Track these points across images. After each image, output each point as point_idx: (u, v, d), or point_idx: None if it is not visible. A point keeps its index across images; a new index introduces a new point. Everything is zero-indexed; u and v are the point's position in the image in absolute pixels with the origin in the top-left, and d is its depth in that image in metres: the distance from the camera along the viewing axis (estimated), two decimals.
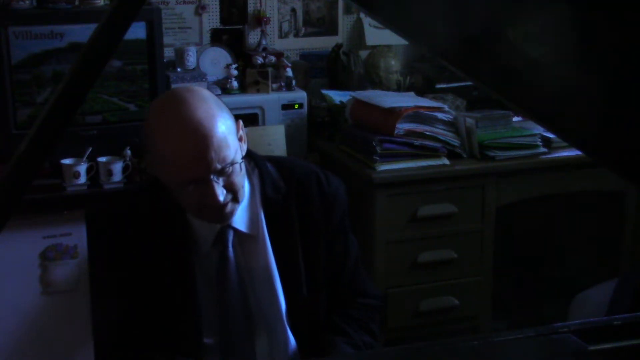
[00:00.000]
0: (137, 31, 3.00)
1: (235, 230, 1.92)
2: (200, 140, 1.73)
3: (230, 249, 1.91)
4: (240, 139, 1.85)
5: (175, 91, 1.86)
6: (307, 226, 1.97)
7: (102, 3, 3.08)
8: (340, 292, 2.04)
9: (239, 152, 1.82)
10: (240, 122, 1.88)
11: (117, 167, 2.95)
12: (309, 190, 1.98)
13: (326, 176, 2.03)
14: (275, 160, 2.04)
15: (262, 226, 1.94)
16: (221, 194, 1.78)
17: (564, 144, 3.12)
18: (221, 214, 1.84)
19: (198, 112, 1.74)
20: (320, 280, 1.99)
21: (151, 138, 1.79)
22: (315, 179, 2.00)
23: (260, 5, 3.58)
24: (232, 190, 1.82)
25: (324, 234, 1.99)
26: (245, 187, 1.88)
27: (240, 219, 1.91)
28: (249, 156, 1.96)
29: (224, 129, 1.77)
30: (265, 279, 1.95)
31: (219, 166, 1.75)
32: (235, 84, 3.33)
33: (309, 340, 1.98)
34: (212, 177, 1.76)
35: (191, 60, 3.33)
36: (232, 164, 1.78)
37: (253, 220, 1.93)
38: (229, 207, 1.83)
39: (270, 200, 1.93)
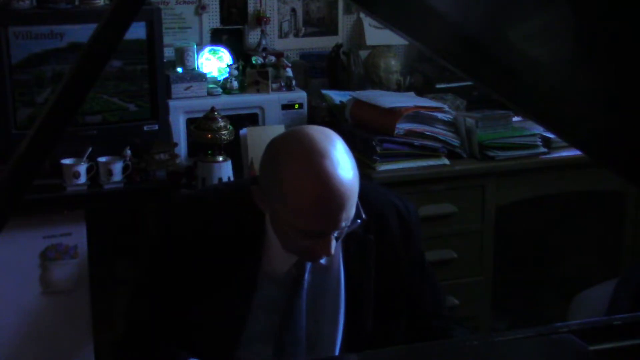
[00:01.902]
0: (137, 31, 2.99)
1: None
2: (336, 202, 1.68)
3: (307, 277, 1.88)
4: None
5: (314, 139, 1.72)
6: (386, 259, 1.93)
7: (102, 3, 3.08)
8: (425, 314, 2.04)
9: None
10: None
11: (117, 167, 2.95)
12: (389, 222, 1.95)
13: (403, 203, 2.00)
14: None
15: (339, 258, 1.91)
16: (333, 247, 1.75)
17: (564, 144, 3.12)
18: (320, 259, 1.82)
19: (339, 171, 1.68)
20: (390, 314, 1.96)
21: (279, 181, 1.71)
22: (394, 209, 1.97)
23: (260, 5, 3.58)
24: (338, 239, 1.79)
25: (405, 264, 1.97)
26: None
27: None
28: None
29: (355, 188, 1.72)
30: (330, 309, 1.92)
31: (343, 225, 1.73)
32: (235, 84, 3.33)
33: None
34: (333, 233, 1.74)
35: (191, 60, 3.32)
36: (351, 222, 1.76)
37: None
38: None
39: (351, 232, 1.86)
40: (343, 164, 1.70)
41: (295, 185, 1.69)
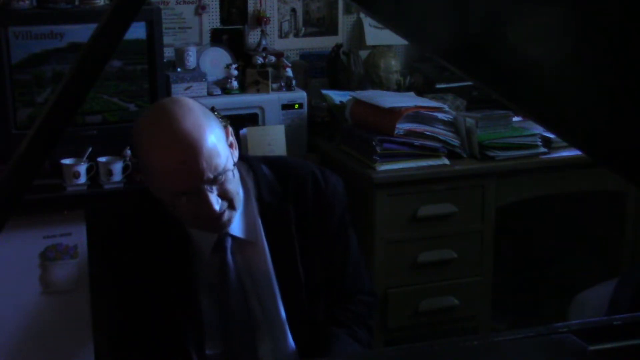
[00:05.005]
0: (137, 31, 3.00)
1: (234, 237, 1.90)
2: (189, 151, 1.72)
3: (230, 256, 1.90)
4: (230, 146, 1.83)
5: (161, 103, 1.85)
6: (304, 229, 1.94)
7: (102, 3, 3.08)
8: (340, 289, 2.03)
9: (230, 159, 1.80)
10: (230, 129, 1.86)
11: (117, 167, 2.95)
12: (305, 191, 1.96)
13: (323, 174, 2.00)
14: (270, 161, 2.01)
15: (260, 231, 1.92)
16: (216, 202, 1.77)
17: (564, 144, 3.12)
18: (218, 223, 1.83)
19: (185, 123, 1.73)
20: (320, 284, 1.97)
21: (140, 152, 1.78)
22: (311, 178, 1.97)
23: (260, 5, 3.58)
24: (227, 198, 1.80)
25: (323, 234, 1.97)
26: (240, 194, 1.86)
27: (236, 226, 1.89)
28: (243, 160, 1.94)
29: (213, 138, 1.75)
30: (266, 285, 1.93)
31: (211, 175, 1.74)
32: (235, 84, 3.33)
33: (309, 344, 1.97)
34: (205, 187, 1.75)
35: (191, 60, 3.33)
36: (225, 171, 1.77)
37: (250, 226, 1.91)
38: (226, 215, 1.82)
39: (266, 204, 1.91)
40: (190, 117, 1.74)
41: (150, 150, 1.75)
